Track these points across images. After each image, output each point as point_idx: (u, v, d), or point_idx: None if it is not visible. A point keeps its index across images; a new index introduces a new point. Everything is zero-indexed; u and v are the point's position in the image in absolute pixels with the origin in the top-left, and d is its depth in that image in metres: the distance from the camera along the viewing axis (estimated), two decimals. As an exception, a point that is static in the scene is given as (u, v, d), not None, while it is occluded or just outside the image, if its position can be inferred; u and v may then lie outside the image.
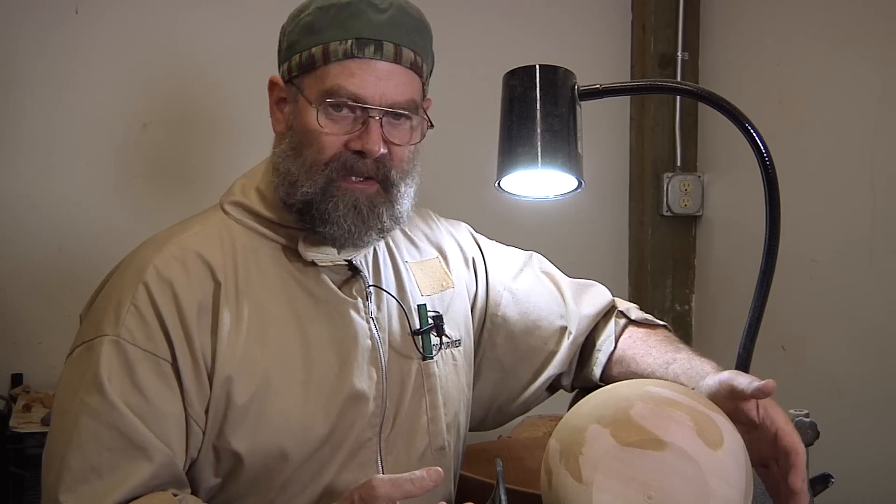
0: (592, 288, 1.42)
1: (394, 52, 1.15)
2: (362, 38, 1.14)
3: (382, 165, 1.17)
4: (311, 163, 1.16)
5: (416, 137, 1.20)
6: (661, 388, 1.08)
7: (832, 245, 2.15)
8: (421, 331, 1.28)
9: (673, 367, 1.23)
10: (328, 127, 1.15)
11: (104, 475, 1.06)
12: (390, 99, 1.15)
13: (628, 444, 0.99)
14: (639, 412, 1.02)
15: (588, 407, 1.07)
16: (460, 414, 1.32)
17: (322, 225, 1.17)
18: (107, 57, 2.28)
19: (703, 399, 1.09)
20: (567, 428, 1.06)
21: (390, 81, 1.15)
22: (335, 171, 1.16)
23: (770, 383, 1.05)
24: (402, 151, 1.18)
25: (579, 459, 1.00)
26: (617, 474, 0.98)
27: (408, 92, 1.17)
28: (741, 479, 1.01)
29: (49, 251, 2.26)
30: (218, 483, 1.17)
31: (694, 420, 1.01)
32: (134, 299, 1.12)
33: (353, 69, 1.14)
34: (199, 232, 1.21)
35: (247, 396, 1.14)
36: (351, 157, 1.15)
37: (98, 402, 1.08)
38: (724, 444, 1.01)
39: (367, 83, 1.14)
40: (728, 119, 1.22)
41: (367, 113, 1.15)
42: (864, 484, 1.97)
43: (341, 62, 1.15)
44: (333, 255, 1.21)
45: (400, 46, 1.16)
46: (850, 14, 2.09)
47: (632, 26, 2.70)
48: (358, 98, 1.14)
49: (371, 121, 1.14)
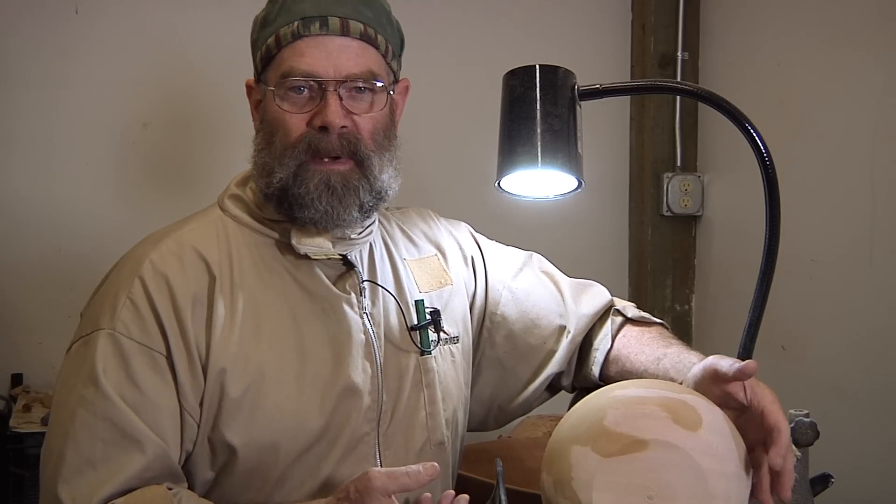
0: (591, 288, 1.42)
1: (340, 26, 1.17)
2: (307, 17, 1.16)
3: (349, 140, 1.17)
4: (281, 148, 1.18)
5: (379, 106, 1.20)
6: (628, 388, 1.09)
7: (832, 245, 2.15)
8: (419, 326, 1.28)
9: (663, 362, 1.24)
10: (288, 108, 1.17)
11: (98, 467, 1.08)
12: (345, 70, 1.16)
13: (611, 454, 1.00)
14: (612, 420, 1.02)
15: (565, 430, 1.08)
16: (458, 411, 1.33)
17: (299, 210, 1.18)
18: (106, 57, 2.28)
19: (671, 385, 1.10)
20: (552, 457, 1.07)
21: (342, 54, 1.17)
22: (303, 152, 1.17)
23: (751, 364, 1.06)
24: (368, 122, 1.19)
25: (572, 485, 1.01)
26: (612, 487, 0.99)
27: (362, 63, 1.18)
28: (731, 448, 1.02)
29: (49, 251, 2.25)
30: (213, 477, 1.17)
31: (667, 409, 1.02)
32: (130, 293, 1.14)
33: (302, 49, 1.17)
34: (196, 228, 1.22)
35: (241, 389, 1.14)
36: (316, 136, 1.17)
37: (93, 395, 1.09)
38: (703, 421, 1.01)
39: (318, 58, 1.16)
40: (728, 119, 1.22)
41: (324, 88, 1.16)
42: (864, 484, 1.97)
43: (292, 45, 1.17)
44: (328, 248, 1.21)
45: (346, 20, 1.17)
46: (851, 14, 2.09)
47: (632, 26, 2.70)
48: (311, 74, 1.16)
49: (328, 93, 1.16)
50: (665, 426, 1.00)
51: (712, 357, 1.13)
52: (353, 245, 1.24)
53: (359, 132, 1.18)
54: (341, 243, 1.22)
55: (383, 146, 1.21)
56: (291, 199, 1.17)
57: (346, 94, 1.17)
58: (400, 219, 1.40)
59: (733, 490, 1.00)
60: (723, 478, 0.99)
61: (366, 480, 1.04)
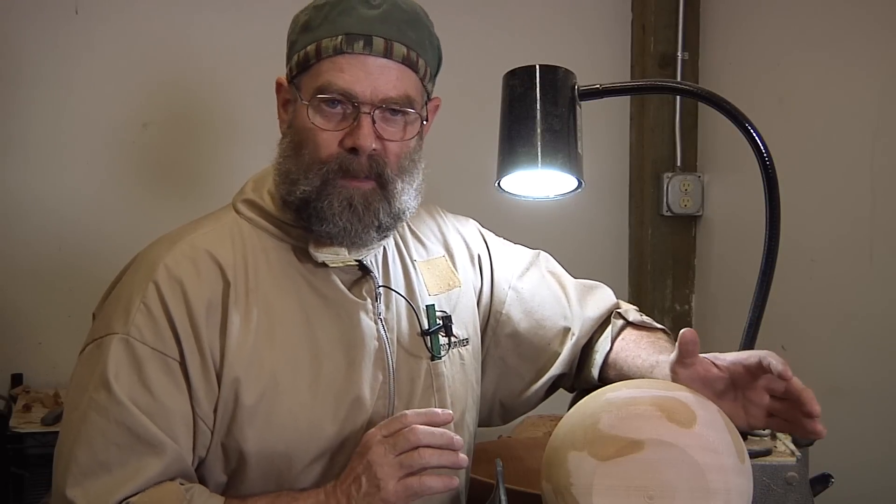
0: (597, 290, 1.42)
1: (384, 47, 1.15)
2: (352, 34, 1.14)
3: (376, 162, 1.16)
4: (309, 162, 1.16)
5: (411, 133, 1.19)
6: (620, 390, 1.09)
7: (832, 245, 2.15)
8: (430, 331, 1.28)
9: (656, 370, 1.24)
10: (321, 124, 1.15)
11: (113, 470, 1.07)
12: (382, 94, 1.15)
13: (608, 457, 1.00)
14: (606, 423, 1.03)
15: (560, 436, 1.08)
16: (468, 412, 1.33)
17: (318, 223, 1.17)
18: (106, 57, 2.28)
19: (662, 384, 1.10)
20: (550, 465, 1.07)
21: (381, 76, 1.15)
22: (332, 171, 1.15)
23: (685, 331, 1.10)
24: (396, 147, 1.18)
25: (572, 491, 1.01)
26: (611, 490, 0.99)
27: (401, 87, 1.16)
28: (727, 441, 1.02)
29: (49, 251, 2.26)
30: (226, 481, 1.17)
31: (660, 408, 1.02)
32: (144, 298, 1.13)
33: (342, 65, 1.14)
34: (211, 231, 1.21)
35: (255, 397, 1.14)
36: (347, 158, 1.15)
37: (105, 399, 1.09)
38: (697, 417, 1.02)
39: (358, 78, 1.14)
40: (728, 119, 1.22)
41: (358, 108, 1.14)
42: (864, 484, 1.97)
43: (332, 58, 1.15)
44: (344, 255, 1.20)
45: (390, 41, 1.15)
46: (850, 14, 2.09)
47: (632, 26, 2.70)
48: (348, 93, 1.14)
49: (362, 116, 1.14)
50: (659, 425, 1.01)
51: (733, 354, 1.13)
52: (369, 250, 1.24)
53: (387, 156, 1.17)
54: (357, 249, 1.22)
55: (408, 170, 1.20)
56: (312, 211, 1.16)
57: (380, 117, 1.16)
58: (408, 217, 1.40)
59: (733, 483, 1.00)
60: (721, 472, 1.00)
61: (364, 440, 1.12)
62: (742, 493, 1.02)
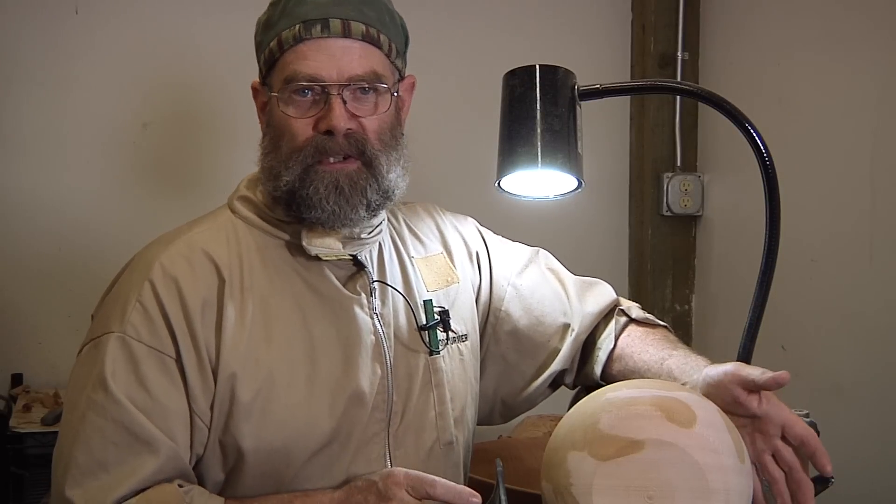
0: (597, 286, 1.43)
1: (342, 28, 1.16)
2: (308, 20, 1.16)
3: (356, 141, 1.17)
4: (287, 152, 1.18)
5: (384, 107, 1.20)
6: (620, 390, 1.09)
7: (832, 245, 2.15)
8: (427, 326, 1.28)
9: (668, 362, 1.24)
10: (293, 113, 1.17)
11: (110, 469, 1.08)
12: (347, 73, 1.16)
13: (608, 457, 1.00)
14: (606, 423, 1.03)
15: (560, 436, 1.08)
16: (468, 409, 1.33)
17: (308, 210, 1.18)
18: (106, 57, 2.28)
19: (662, 384, 1.10)
20: (550, 465, 1.07)
21: (344, 57, 1.16)
22: (310, 155, 1.17)
23: (784, 374, 1.07)
24: (373, 123, 1.19)
25: (572, 491, 1.01)
26: (611, 490, 0.99)
27: (366, 64, 1.17)
28: (727, 441, 1.02)
29: (49, 251, 2.26)
30: (224, 479, 1.17)
31: (660, 408, 1.02)
32: (140, 297, 1.14)
33: (304, 52, 1.16)
34: (207, 230, 1.22)
35: (251, 393, 1.14)
36: (322, 140, 1.16)
37: (103, 398, 1.09)
38: (697, 417, 1.02)
39: (321, 61, 1.16)
40: (728, 119, 1.22)
41: (327, 92, 1.16)
42: (864, 484, 1.97)
43: (294, 48, 1.17)
44: (338, 249, 1.21)
45: (347, 21, 1.17)
46: (850, 14, 2.09)
47: (632, 26, 2.70)
48: (314, 78, 1.16)
49: (332, 98, 1.16)
50: (659, 425, 1.01)
51: (732, 364, 1.14)
52: (363, 245, 1.24)
53: (365, 133, 1.18)
54: (351, 243, 1.22)
55: (390, 145, 1.21)
56: (299, 200, 1.17)
57: (351, 97, 1.17)
58: (407, 215, 1.40)
59: (733, 483, 1.00)
60: (721, 472, 1.00)
61: (393, 477, 1.09)
62: (742, 493, 1.02)
